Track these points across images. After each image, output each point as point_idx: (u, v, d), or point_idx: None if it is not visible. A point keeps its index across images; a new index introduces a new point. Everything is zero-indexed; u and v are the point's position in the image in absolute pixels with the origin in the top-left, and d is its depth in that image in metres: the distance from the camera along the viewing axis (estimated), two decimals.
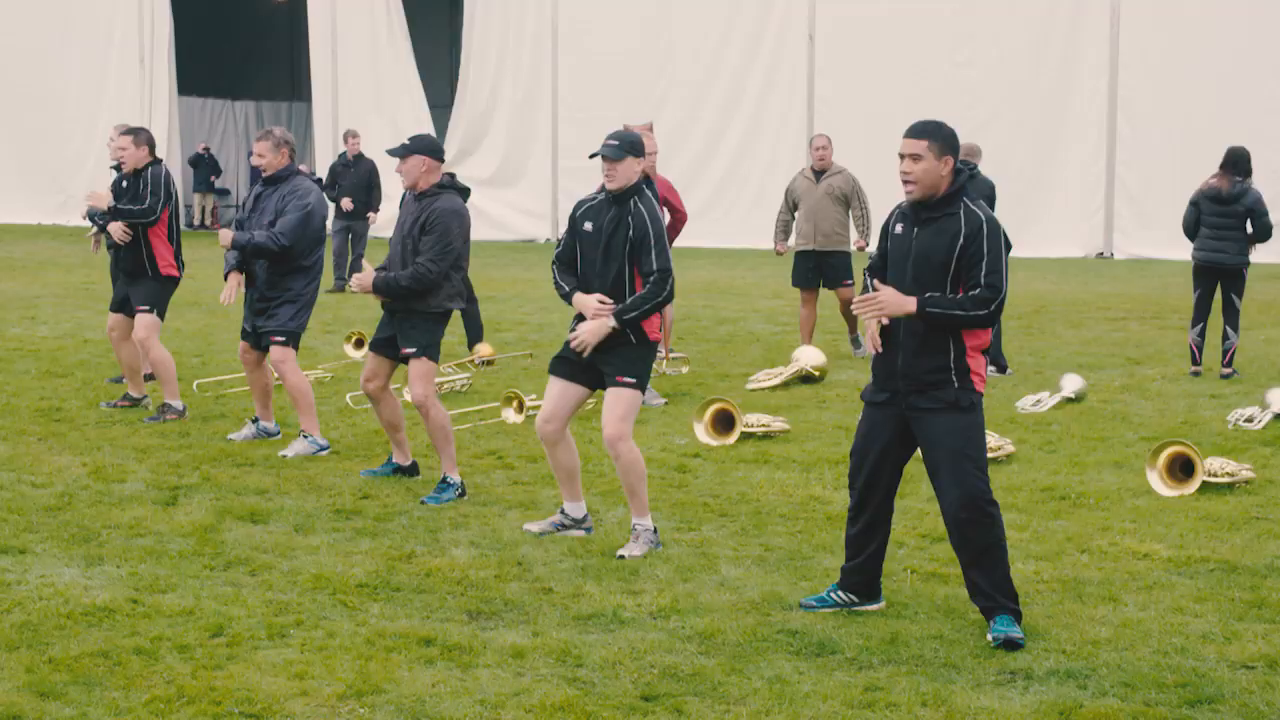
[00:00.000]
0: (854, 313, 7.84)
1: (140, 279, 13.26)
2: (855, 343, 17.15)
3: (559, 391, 9.29)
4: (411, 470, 11.10)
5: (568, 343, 9.28)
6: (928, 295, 7.49)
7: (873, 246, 10.62)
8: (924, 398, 7.61)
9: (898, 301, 7.50)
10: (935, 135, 7.58)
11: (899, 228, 7.77)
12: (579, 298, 9.12)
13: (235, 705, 6.53)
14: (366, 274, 10.50)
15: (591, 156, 9.26)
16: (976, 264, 7.51)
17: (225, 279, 11.89)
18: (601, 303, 9.01)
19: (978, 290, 7.48)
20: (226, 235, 11.75)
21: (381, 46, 38.81)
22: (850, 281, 16.88)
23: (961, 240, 7.52)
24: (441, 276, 10.41)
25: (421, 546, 9.22)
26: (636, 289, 9.03)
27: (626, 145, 9.08)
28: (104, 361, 15.86)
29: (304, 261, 11.84)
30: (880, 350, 7.69)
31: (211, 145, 43.60)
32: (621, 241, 9.06)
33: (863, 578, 8.02)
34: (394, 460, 11.15)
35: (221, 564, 8.78)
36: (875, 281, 7.80)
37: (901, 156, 7.58)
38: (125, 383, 13.94)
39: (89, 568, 8.64)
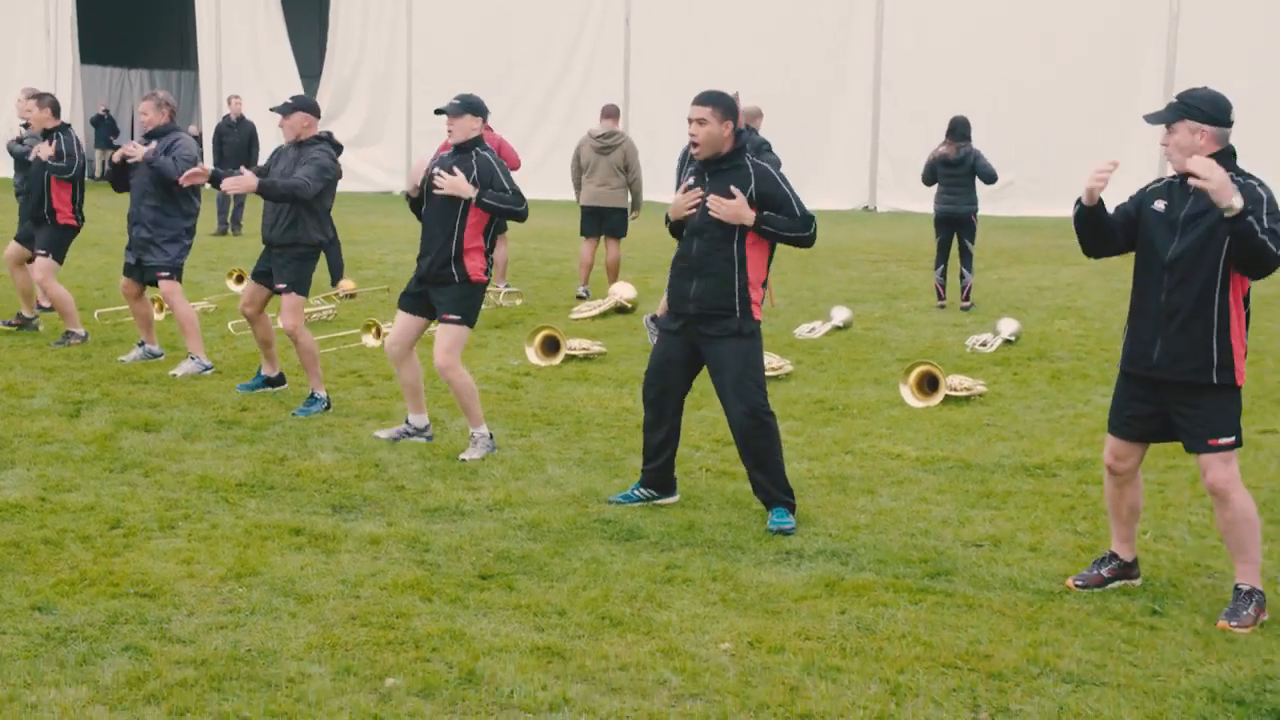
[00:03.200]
0: (716, 213, 7.46)
1: (41, 225, 12.95)
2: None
3: (403, 322, 9.30)
4: (278, 380, 10.99)
5: (412, 279, 9.28)
6: (764, 214, 7.48)
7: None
8: (711, 326, 7.63)
9: (741, 212, 7.45)
10: (718, 103, 7.59)
11: (691, 179, 7.77)
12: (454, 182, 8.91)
13: (131, 586, 6.43)
14: (248, 177, 10.25)
15: (437, 112, 9.19)
16: (785, 204, 7.54)
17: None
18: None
19: (797, 219, 7.53)
20: (137, 149, 11.47)
21: (259, 23, 38.34)
22: None
23: (754, 189, 7.51)
24: (315, 194, 10.20)
25: (292, 451, 9.13)
26: (468, 224, 8.96)
27: (465, 105, 9.01)
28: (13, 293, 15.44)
29: (185, 206, 11.66)
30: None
31: (110, 108, 42.42)
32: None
33: (660, 476, 8.07)
34: (263, 373, 11.03)
35: (119, 467, 8.63)
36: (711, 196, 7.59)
37: (690, 121, 7.60)
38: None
39: (2, 471, 8.44)
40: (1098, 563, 6.78)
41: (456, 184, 8.84)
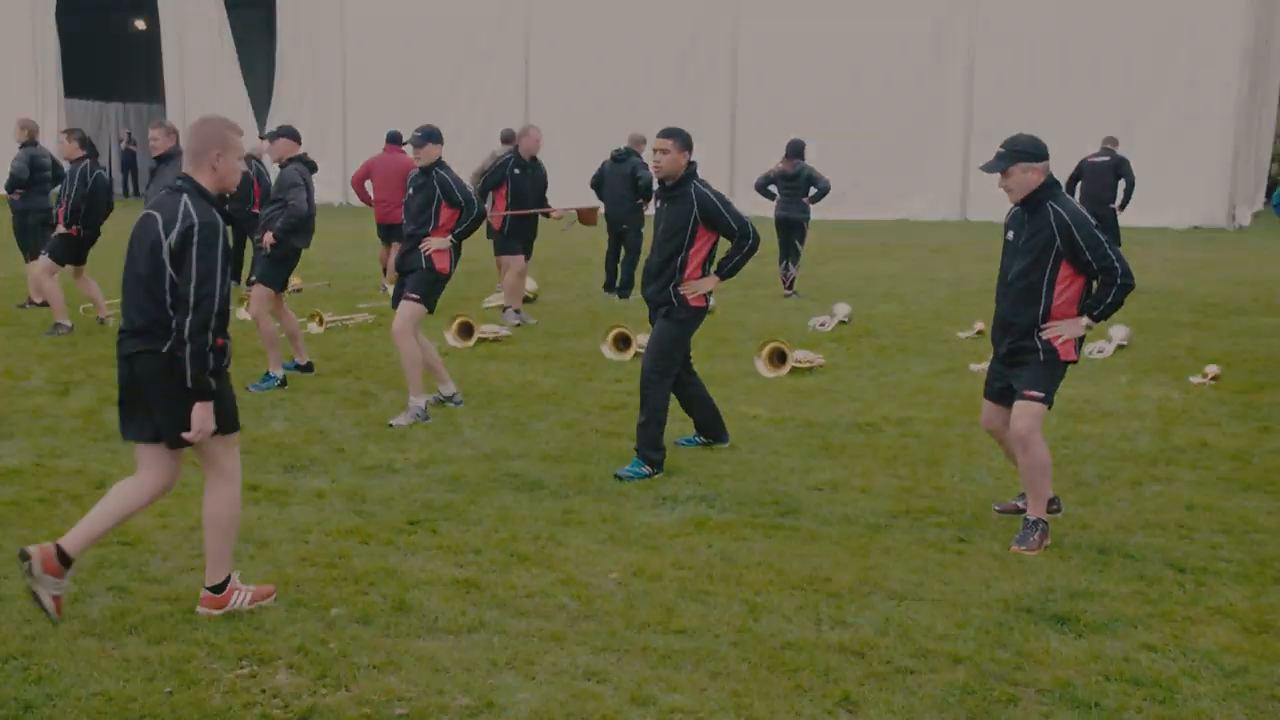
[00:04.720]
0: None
1: (49, 231, 12.87)
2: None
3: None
4: (307, 368, 10.74)
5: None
6: (723, 272, 7.73)
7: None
8: (658, 310, 7.81)
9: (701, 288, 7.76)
10: (678, 137, 7.70)
11: (656, 203, 7.89)
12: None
13: (114, 537, 6.28)
14: (267, 236, 10.21)
15: (403, 144, 9.44)
16: (725, 225, 7.63)
17: None
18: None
19: (734, 238, 7.67)
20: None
21: (216, 62, 37.97)
22: None
23: (697, 213, 7.60)
24: (308, 213, 10.21)
25: (249, 421, 8.93)
26: (440, 222, 9.13)
27: (426, 136, 9.15)
28: (13, 292, 15.08)
29: None
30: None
31: (91, 135, 41.43)
32: (431, 194, 9.11)
33: (705, 428, 8.31)
34: (295, 361, 10.80)
35: (103, 436, 8.43)
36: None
37: (654, 150, 7.69)
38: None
39: (2, 441, 8.23)
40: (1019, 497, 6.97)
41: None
